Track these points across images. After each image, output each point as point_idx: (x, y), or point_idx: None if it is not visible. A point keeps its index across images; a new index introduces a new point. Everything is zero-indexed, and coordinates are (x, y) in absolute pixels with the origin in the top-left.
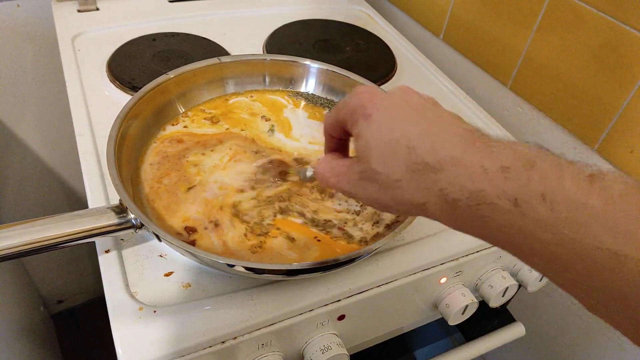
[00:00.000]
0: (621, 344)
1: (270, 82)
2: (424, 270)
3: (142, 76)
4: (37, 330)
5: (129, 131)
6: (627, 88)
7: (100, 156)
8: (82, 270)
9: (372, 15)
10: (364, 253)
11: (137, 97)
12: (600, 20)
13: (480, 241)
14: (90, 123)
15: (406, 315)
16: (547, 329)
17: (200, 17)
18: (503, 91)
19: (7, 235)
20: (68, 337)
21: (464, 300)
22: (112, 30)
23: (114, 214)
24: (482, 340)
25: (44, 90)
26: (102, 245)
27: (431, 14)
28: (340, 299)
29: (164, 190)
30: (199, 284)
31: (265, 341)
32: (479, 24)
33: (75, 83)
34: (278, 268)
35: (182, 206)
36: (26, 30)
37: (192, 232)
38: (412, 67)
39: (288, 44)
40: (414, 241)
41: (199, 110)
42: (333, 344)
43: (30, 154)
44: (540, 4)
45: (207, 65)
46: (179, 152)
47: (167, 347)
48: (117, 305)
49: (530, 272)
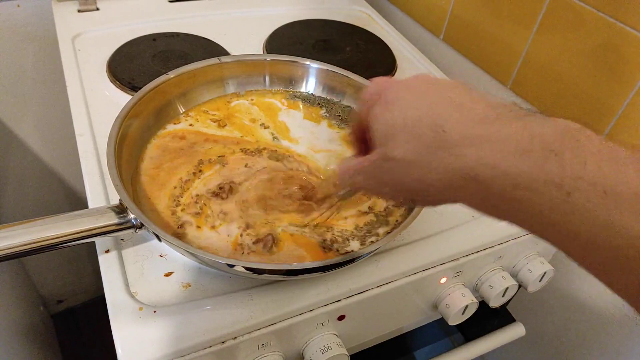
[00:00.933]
0: (621, 343)
1: (271, 82)
2: (424, 270)
3: (142, 76)
4: (37, 330)
5: (129, 131)
6: (627, 88)
7: (101, 156)
8: (82, 270)
9: (372, 15)
10: (364, 253)
11: (137, 97)
12: (600, 20)
13: (480, 241)
14: (90, 123)
15: (406, 315)
16: (547, 329)
17: (200, 17)
18: (503, 91)
19: (7, 235)
20: (68, 337)
21: (464, 300)
22: (112, 30)
23: (114, 214)
24: (482, 341)
25: (44, 90)
26: (102, 245)
27: (431, 14)
28: (340, 299)
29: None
30: (199, 284)
31: (265, 341)
32: (479, 24)
33: (76, 83)
34: (278, 268)
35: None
36: (26, 30)
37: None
38: (412, 67)
39: (288, 44)
40: (414, 241)
41: (202, 111)
42: (333, 344)
43: (30, 154)
44: (540, 4)
45: (207, 65)
46: (182, 146)
47: (167, 347)
48: (117, 305)
49: (530, 272)
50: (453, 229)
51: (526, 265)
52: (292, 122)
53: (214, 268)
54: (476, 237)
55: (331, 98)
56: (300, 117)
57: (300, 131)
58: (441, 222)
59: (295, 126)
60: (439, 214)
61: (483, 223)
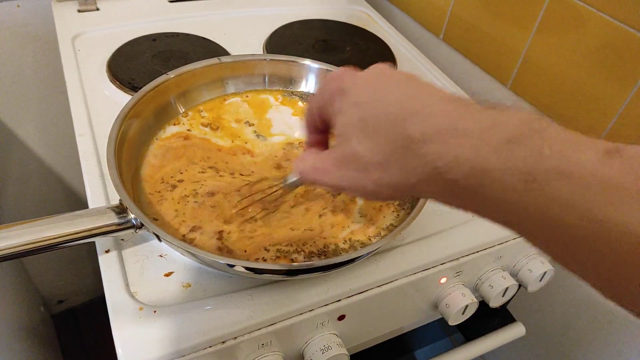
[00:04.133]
0: (621, 343)
1: (270, 82)
2: (424, 270)
3: (142, 76)
4: (37, 330)
5: (129, 131)
6: (627, 88)
7: (101, 156)
8: (82, 271)
9: (372, 15)
10: (364, 253)
11: (137, 97)
12: (600, 20)
13: (480, 241)
14: (90, 123)
15: (406, 315)
16: (547, 329)
17: (200, 17)
18: (503, 91)
19: (7, 235)
20: (68, 337)
21: (464, 300)
22: (112, 31)
23: (114, 214)
24: (482, 340)
25: (44, 90)
26: (102, 245)
27: (431, 14)
28: (340, 299)
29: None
30: (199, 284)
31: (265, 341)
32: (479, 24)
33: (76, 83)
34: (278, 268)
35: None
36: (26, 30)
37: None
38: (412, 67)
39: (288, 44)
40: (414, 241)
41: (197, 111)
42: (333, 344)
43: (30, 154)
44: (540, 4)
45: (207, 65)
46: (185, 144)
47: (167, 347)
48: (117, 305)
49: (530, 272)
50: (453, 229)
51: (526, 265)
52: (279, 118)
53: (214, 268)
54: (476, 237)
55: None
56: (290, 113)
57: (282, 126)
58: (441, 222)
59: (280, 122)
60: (439, 214)
61: (483, 223)
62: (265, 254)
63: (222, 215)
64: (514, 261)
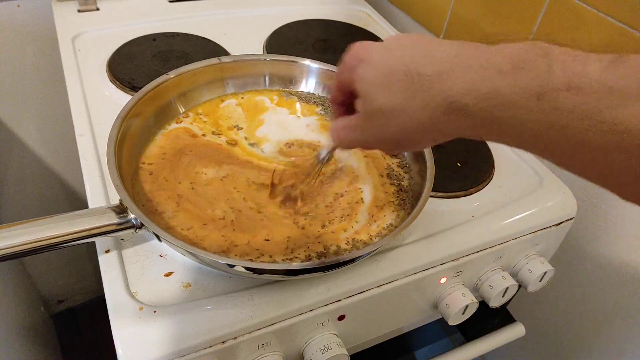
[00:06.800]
0: (622, 343)
1: (270, 82)
2: (424, 270)
3: (142, 76)
4: (37, 330)
5: (129, 131)
6: None
7: (101, 156)
8: (82, 271)
9: (372, 15)
10: (364, 253)
11: (137, 97)
12: (600, 20)
13: (480, 241)
14: (90, 123)
15: (406, 315)
16: (547, 329)
17: (200, 17)
18: None
19: (7, 235)
20: (68, 337)
21: (464, 300)
22: (112, 30)
23: (114, 214)
24: (482, 340)
25: (44, 90)
26: (102, 245)
27: (431, 14)
28: (340, 299)
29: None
30: (199, 284)
31: (265, 341)
32: (479, 24)
33: (76, 83)
34: (278, 268)
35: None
36: (26, 30)
37: None
38: None
39: (288, 44)
40: (414, 241)
41: (197, 113)
42: (333, 344)
43: (30, 154)
44: (540, 5)
45: (207, 65)
46: (187, 143)
47: (167, 347)
48: (117, 305)
49: (530, 272)
50: (453, 229)
51: (526, 265)
52: (272, 120)
53: (214, 268)
54: (476, 237)
55: (328, 97)
56: (286, 114)
57: (273, 127)
58: (441, 222)
59: (273, 124)
60: (439, 214)
61: (483, 223)
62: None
63: (231, 201)
64: (514, 261)
